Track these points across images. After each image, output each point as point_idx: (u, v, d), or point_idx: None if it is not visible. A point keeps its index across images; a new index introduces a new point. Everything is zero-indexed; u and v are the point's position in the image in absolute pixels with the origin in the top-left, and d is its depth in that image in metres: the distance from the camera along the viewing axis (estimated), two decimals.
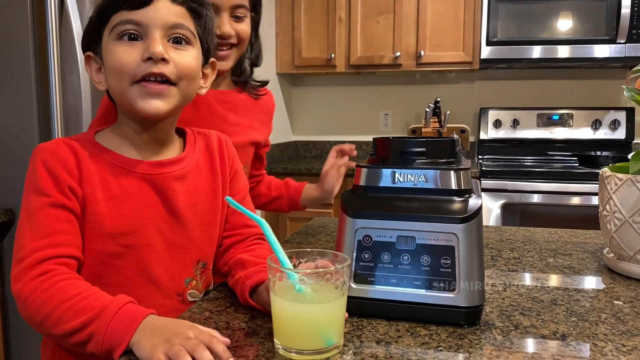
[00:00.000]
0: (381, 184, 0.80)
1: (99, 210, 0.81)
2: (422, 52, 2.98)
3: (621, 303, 0.85)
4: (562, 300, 0.86)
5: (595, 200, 2.52)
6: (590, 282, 0.97)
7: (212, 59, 0.94)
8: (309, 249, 0.73)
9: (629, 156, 1.00)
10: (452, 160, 0.81)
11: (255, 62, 1.31)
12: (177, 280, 0.89)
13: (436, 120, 3.11)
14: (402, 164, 0.80)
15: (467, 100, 3.34)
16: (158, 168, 0.87)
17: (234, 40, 1.15)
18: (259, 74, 1.36)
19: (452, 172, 0.78)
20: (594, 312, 0.81)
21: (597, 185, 1.04)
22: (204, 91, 0.94)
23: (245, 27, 1.18)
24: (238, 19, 1.16)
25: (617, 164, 1.04)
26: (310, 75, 3.45)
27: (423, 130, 3.15)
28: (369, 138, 3.51)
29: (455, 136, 0.94)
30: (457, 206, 0.76)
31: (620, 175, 0.97)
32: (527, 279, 0.98)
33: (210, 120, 1.18)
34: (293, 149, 3.59)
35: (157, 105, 0.82)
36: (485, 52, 2.85)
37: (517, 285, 0.94)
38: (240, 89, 1.28)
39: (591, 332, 0.73)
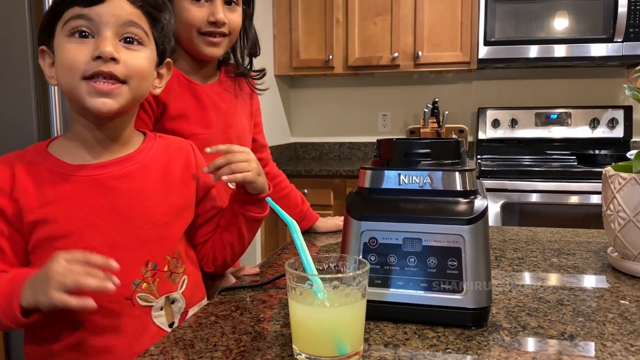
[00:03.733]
0: (386, 186, 0.80)
1: (33, 219, 0.82)
2: (420, 53, 2.99)
3: (627, 302, 0.85)
4: (568, 301, 0.86)
5: (594, 199, 2.52)
6: (595, 282, 0.97)
7: (167, 60, 0.94)
8: (328, 255, 0.72)
9: (628, 154, 1.00)
10: (456, 161, 0.81)
11: (254, 52, 1.29)
12: (123, 282, 0.82)
13: (435, 120, 3.11)
14: (406, 165, 0.80)
15: (465, 100, 3.34)
16: (99, 169, 0.86)
17: (225, 30, 1.14)
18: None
19: (457, 173, 0.77)
20: (601, 312, 0.81)
21: (596, 184, 1.04)
22: (158, 91, 0.94)
23: (236, 17, 1.16)
24: (230, 7, 1.14)
25: (620, 163, 1.04)
26: (309, 76, 3.45)
27: (422, 130, 3.16)
28: (368, 139, 3.51)
29: (455, 136, 0.94)
30: (463, 207, 0.76)
31: (623, 175, 0.97)
32: (532, 279, 0.98)
33: (215, 114, 1.18)
34: (292, 150, 3.59)
35: (107, 103, 0.82)
36: (483, 52, 2.85)
37: (523, 285, 0.94)
38: (225, 74, 1.27)
39: (599, 332, 0.73)
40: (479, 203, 0.76)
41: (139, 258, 0.88)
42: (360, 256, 0.77)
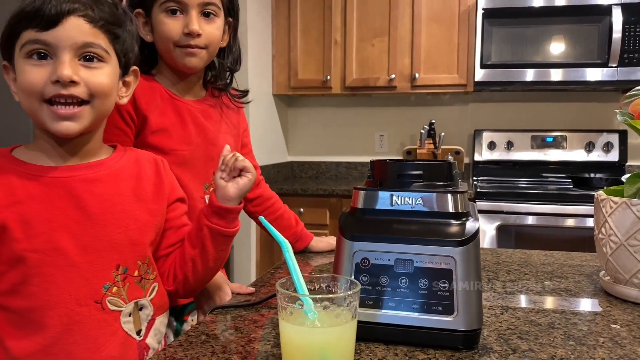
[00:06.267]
0: (379, 207, 0.80)
1: (1, 217, 0.80)
2: (417, 75, 3.01)
3: (618, 327, 0.85)
4: (560, 324, 0.86)
5: (589, 222, 2.53)
6: (587, 305, 0.97)
7: (134, 67, 0.93)
8: (319, 275, 0.72)
9: (623, 178, 1.01)
10: (449, 183, 0.81)
11: (234, 67, 1.26)
12: (93, 285, 0.84)
13: (431, 141, 3.13)
14: (399, 186, 0.81)
15: (462, 122, 3.36)
16: (69, 172, 0.86)
17: (200, 42, 1.11)
18: (255, 95, 1.35)
19: (449, 195, 0.78)
20: (592, 336, 0.81)
21: (592, 207, 1.04)
22: (125, 100, 0.93)
23: (213, 29, 1.13)
24: (207, 17, 1.12)
25: (612, 187, 1.05)
26: (306, 96, 3.47)
27: (418, 151, 3.17)
28: (365, 159, 3.52)
29: (451, 158, 0.94)
30: (454, 229, 0.76)
31: (615, 199, 0.97)
32: (524, 301, 0.98)
33: (196, 131, 1.16)
34: (289, 169, 3.59)
35: (69, 126, 0.81)
36: (479, 74, 2.88)
37: (515, 308, 0.94)
38: (211, 94, 1.25)
39: (589, 357, 0.73)
40: (470, 225, 0.77)
41: (110, 261, 0.86)
42: (353, 277, 0.77)
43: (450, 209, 0.78)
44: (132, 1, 1.13)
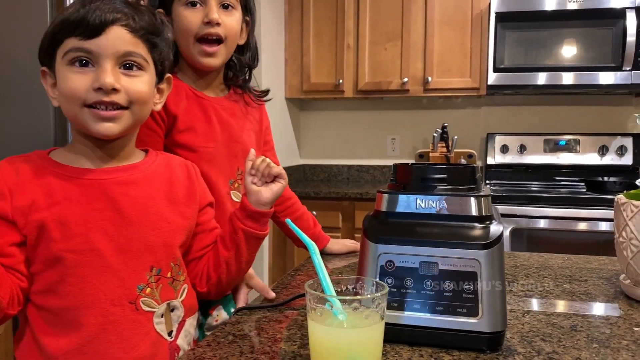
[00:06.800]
0: (403, 210, 0.81)
1: (39, 218, 0.81)
2: (430, 78, 3.02)
3: None
4: (582, 327, 0.86)
5: (603, 226, 2.52)
6: (608, 309, 0.98)
7: (167, 75, 0.96)
8: (346, 276, 0.74)
9: (638, 182, 1.01)
10: (472, 186, 0.82)
11: (251, 63, 1.28)
12: (127, 286, 0.85)
13: (444, 145, 3.14)
14: (423, 190, 0.82)
15: (474, 126, 3.36)
16: (105, 174, 0.88)
17: (220, 32, 1.12)
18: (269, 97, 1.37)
19: (473, 198, 0.79)
20: (615, 339, 0.81)
21: (605, 210, 1.05)
22: (159, 106, 0.96)
23: (232, 22, 1.14)
24: (226, 9, 1.13)
25: (632, 191, 1.05)
26: (319, 100, 3.49)
27: (431, 155, 3.18)
28: (376, 162, 3.53)
29: (463, 161, 0.95)
30: (478, 232, 0.77)
31: (636, 203, 0.98)
32: (545, 304, 0.99)
33: (220, 128, 1.18)
34: (301, 172, 3.61)
35: (110, 127, 0.84)
36: (492, 78, 2.88)
37: (536, 311, 0.95)
38: (234, 91, 1.27)
39: (613, 359, 0.74)
40: (494, 228, 0.78)
41: (144, 263, 0.88)
42: (377, 278, 0.78)
43: (474, 212, 0.79)
44: (152, 0, 1.15)
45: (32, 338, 0.85)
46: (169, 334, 0.90)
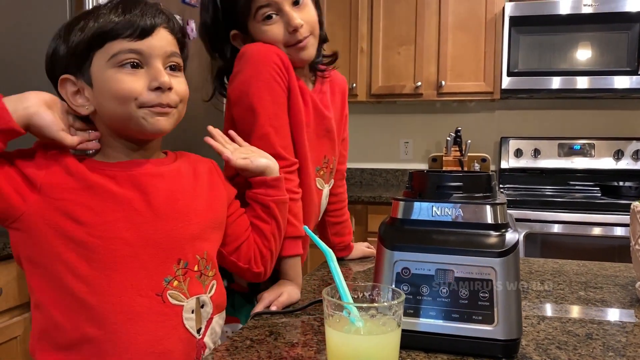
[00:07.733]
0: (419, 217, 0.82)
1: (69, 197, 0.82)
2: (443, 82, 3.02)
3: None
4: (598, 335, 0.87)
5: (618, 231, 2.51)
6: (624, 316, 0.98)
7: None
8: (363, 283, 0.75)
9: None
10: (488, 194, 0.83)
11: (325, 39, 1.27)
12: (154, 277, 0.85)
13: (457, 149, 3.13)
14: (439, 197, 0.82)
15: (488, 130, 3.36)
16: (136, 166, 0.89)
17: (306, 30, 1.13)
18: None
19: (488, 206, 0.80)
20: (631, 347, 0.81)
21: (620, 216, 1.05)
22: None
23: (309, 14, 1.15)
24: (297, 5, 1.13)
25: None
26: None
27: (444, 159, 3.18)
28: (390, 166, 3.54)
29: (477, 165, 0.96)
30: (494, 240, 0.78)
31: None
32: (560, 311, 0.99)
33: (314, 115, 1.19)
34: None
35: (163, 123, 0.87)
36: (506, 82, 2.88)
37: (551, 318, 0.95)
38: (320, 81, 1.26)
39: None
40: (510, 236, 0.78)
41: (172, 255, 0.87)
42: (393, 286, 0.79)
43: (490, 220, 0.79)
44: (225, 24, 1.15)
45: (51, 324, 0.83)
46: (198, 331, 0.89)
